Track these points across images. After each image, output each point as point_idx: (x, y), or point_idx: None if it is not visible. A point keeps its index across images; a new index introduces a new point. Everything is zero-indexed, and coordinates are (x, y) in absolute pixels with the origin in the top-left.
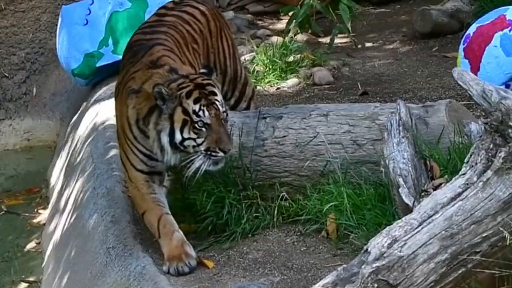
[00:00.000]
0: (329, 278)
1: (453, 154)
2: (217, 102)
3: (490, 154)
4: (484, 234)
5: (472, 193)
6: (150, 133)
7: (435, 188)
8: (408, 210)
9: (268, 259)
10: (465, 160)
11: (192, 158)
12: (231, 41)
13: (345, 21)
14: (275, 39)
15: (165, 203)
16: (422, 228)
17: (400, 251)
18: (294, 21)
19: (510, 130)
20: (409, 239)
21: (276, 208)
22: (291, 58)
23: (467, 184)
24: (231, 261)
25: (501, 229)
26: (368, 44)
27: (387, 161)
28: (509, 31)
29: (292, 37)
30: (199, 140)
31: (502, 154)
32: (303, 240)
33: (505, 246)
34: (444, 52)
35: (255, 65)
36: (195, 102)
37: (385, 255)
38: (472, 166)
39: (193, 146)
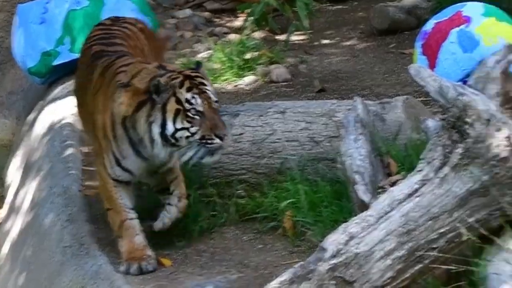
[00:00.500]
0: (285, 276)
1: (410, 150)
2: (208, 91)
3: (447, 151)
4: (441, 230)
5: (429, 190)
6: (140, 127)
7: (392, 184)
8: (364, 207)
9: (225, 257)
10: (422, 157)
11: (186, 147)
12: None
13: (302, 18)
14: (232, 36)
15: (132, 207)
16: (378, 224)
17: (356, 248)
18: (251, 18)
19: (467, 126)
20: (365, 236)
21: (233, 205)
22: (248, 56)
23: (424, 180)
24: (188, 259)
25: (457, 225)
26: (325, 41)
27: (344, 158)
28: (466, 27)
29: (249, 34)
30: (193, 129)
31: (459, 150)
32: (260, 237)
33: (461, 242)
34: (401, 48)
35: (212, 62)
36: (187, 90)
37: (341, 252)
38: (429, 162)
39: (186, 137)
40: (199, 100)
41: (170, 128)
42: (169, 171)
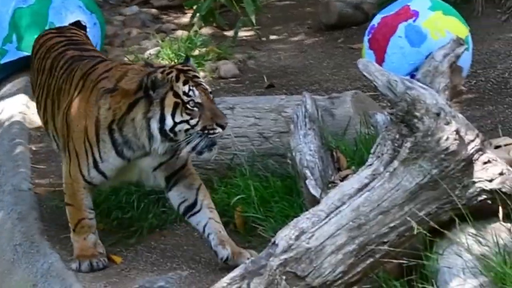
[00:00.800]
0: (237, 271)
1: (360, 145)
2: (203, 83)
3: (396, 145)
4: (392, 224)
5: (379, 184)
6: (135, 125)
7: (342, 179)
8: (315, 201)
9: (176, 253)
10: (372, 151)
11: (186, 139)
12: None
13: (249, 14)
14: (180, 33)
15: (92, 208)
16: (329, 219)
17: (307, 243)
18: (198, 14)
19: (415, 120)
20: (316, 231)
21: None
22: (196, 52)
23: (374, 174)
24: (138, 256)
25: (408, 219)
26: (273, 37)
27: (293, 153)
28: (414, 21)
29: (196, 31)
30: (193, 121)
31: (408, 144)
32: None
33: (412, 236)
34: (349, 43)
35: (160, 59)
36: (184, 83)
37: (292, 247)
38: (379, 156)
39: (186, 130)
40: (197, 92)
41: (169, 122)
42: (178, 163)
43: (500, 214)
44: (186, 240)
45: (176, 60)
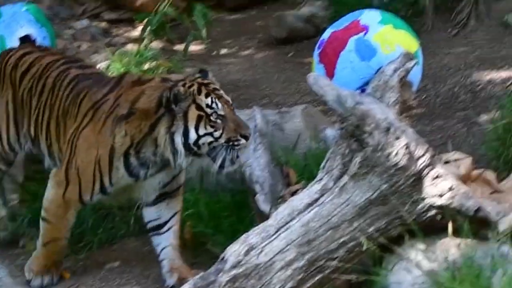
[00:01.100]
0: (186, 287)
1: (310, 160)
2: (224, 95)
3: (346, 160)
4: (341, 240)
5: (329, 199)
6: (161, 138)
7: (292, 194)
8: (265, 217)
9: (125, 269)
10: (321, 166)
11: (212, 155)
12: None
13: (200, 27)
14: (130, 46)
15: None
16: (279, 234)
17: (257, 259)
18: (148, 28)
19: (365, 135)
20: (266, 246)
21: (133, 217)
22: (146, 66)
23: (324, 189)
24: (87, 271)
25: (357, 234)
26: (224, 51)
27: (243, 168)
28: (364, 35)
29: (147, 44)
30: (217, 134)
31: (358, 159)
32: None
33: (362, 252)
34: (300, 57)
35: (110, 73)
36: (206, 96)
37: (242, 262)
38: (328, 171)
39: (209, 143)
40: (219, 104)
41: (192, 136)
42: (174, 184)
43: (450, 230)
44: (135, 256)
45: None
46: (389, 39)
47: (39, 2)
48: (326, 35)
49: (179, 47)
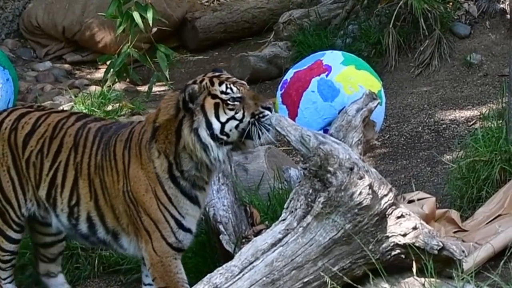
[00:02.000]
0: None
1: (273, 200)
2: (239, 80)
3: (309, 199)
4: (305, 279)
5: (293, 239)
6: (187, 139)
7: (256, 234)
8: (229, 257)
9: None
10: (285, 206)
11: (246, 134)
12: None
13: (163, 69)
14: (93, 88)
15: (187, 282)
16: (243, 275)
17: None
18: (111, 70)
19: (329, 175)
20: (230, 286)
21: (97, 258)
22: (109, 107)
23: (287, 229)
24: None
25: (322, 274)
26: None
27: (207, 209)
28: (326, 76)
29: (110, 86)
30: (239, 115)
31: (322, 199)
32: None
33: None
34: None
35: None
36: (220, 84)
37: None
38: (292, 211)
39: (236, 127)
40: (234, 88)
41: (216, 125)
42: None
43: (414, 269)
44: None
45: None
46: (352, 80)
47: (1, 45)
48: (288, 75)
49: (142, 88)
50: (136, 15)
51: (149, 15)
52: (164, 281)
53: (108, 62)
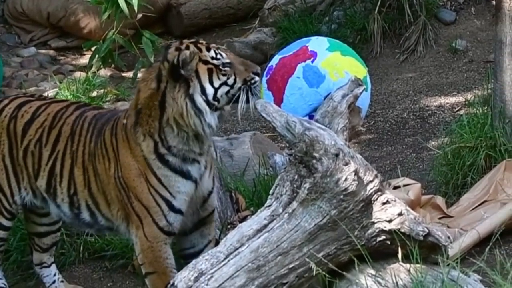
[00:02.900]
0: None
1: (259, 186)
2: (220, 46)
3: (295, 186)
4: (291, 266)
5: (278, 225)
6: (180, 103)
7: (241, 220)
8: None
9: None
10: (270, 192)
11: (233, 97)
12: None
13: (148, 55)
14: (78, 74)
15: (175, 267)
16: (228, 261)
17: (206, 285)
18: (96, 56)
19: (314, 161)
20: (215, 272)
21: (82, 244)
22: (94, 93)
23: (273, 215)
24: None
25: (307, 260)
26: None
27: None
28: (312, 62)
29: (95, 72)
30: (231, 80)
31: (307, 185)
32: (109, 275)
33: (311, 277)
34: None
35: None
36: (208, 50)
37: None
38: (278, 197)
39: (227, 92)
40: (223, 54)
41: (210, 90)
42: (209, 207)
43: (399, 255)
44: (85, 282)
45: None
46: (338, 66)
47: None
48: (274, 61)
49: (127, 74)
50: (121, 1)
51: (134, 1)
52: (153, 266)
53: (93, 48)
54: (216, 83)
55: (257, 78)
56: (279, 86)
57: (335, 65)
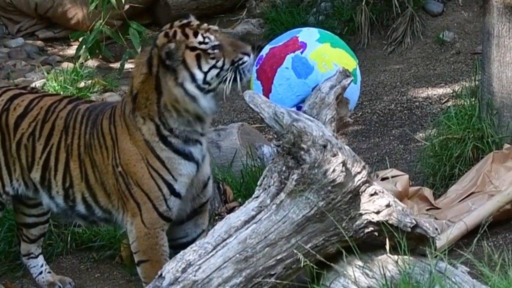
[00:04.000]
0: None
1: (246, 177)
2: (211, 27)
3: (283, 177)
4: (279, 257)
5: (266, 216)
6: (174, 93)
7: (229, 211)
8: None
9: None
10: (258, 183)
11: (223, 78)
12: None
13: (135, 46)
14: (65, 65)
15: (168, 255)
16: (216, 252)
17: (194, 276)
18: (84, 46)
19: (302, 152)
20: (203, 263)
21: (70, 234)
22: (82, 84)
23: (261, 207)
24: None
25: (295, 251)
26: None
27: None
28: (301, 53)
29: (82, 62)
30: (220, 63)
31: (295, 177)
32: (97, 266)
33: (299, 268)
34: None
35: (46, 91)
36: (195, 35)
37: (179, 279)
38: (265, 189)
39: (217, 75)
40: (211, 36)
41: (199, 76)
42: (207, 193)
43: (387, 246)
44: (72, 273)
45: (62, 93)
46: (326, 58)
47: None
48: (264, 51)
49: (115, 65)
50: None
51: None
52: (147, 254)
53: (80, 39)
54: (205, 67)
55: (245, 58)
56: (268, 76)
57: (324, 56)
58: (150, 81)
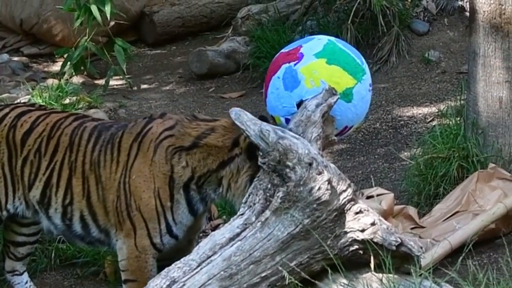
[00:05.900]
0: None
1: None
2: None
3: (268, 194)
4: (263, 274)
5: (251, 233)
6: (241, 180)
7: (213, 229)
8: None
9: None
10: (243, 200)
11: None
12: None
13: (120, 63)
14: (50, 81)
15: None
16: (201, 269)
17: None
18: (69, 63)
19: (287, 170)
20: (188, 280)
21: (54, 250)
22: (67, 101)
23: (246, 224)
24: None
25: (280, 268)
26: (144, 86)
27: None
28: (294, 65)
29: (67, 79)
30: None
31: (280, 194)
32: (81, 283)
33: (284, 286)
34: (220, 92)
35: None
36: None
37: None
38: (251, 206)
39: None
40: None
41: None
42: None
43: (372, 264)
44: None
45: None
46: (316, 74)
47: None
48: (277, 54)
49: (100, 81)
50: (94, 9)
51: (107, 8)
52: (135, 275)
53: (65, 55)
54: None
55: None
56: (267, 82)
57: (314, 73)
58: (224, 155)
